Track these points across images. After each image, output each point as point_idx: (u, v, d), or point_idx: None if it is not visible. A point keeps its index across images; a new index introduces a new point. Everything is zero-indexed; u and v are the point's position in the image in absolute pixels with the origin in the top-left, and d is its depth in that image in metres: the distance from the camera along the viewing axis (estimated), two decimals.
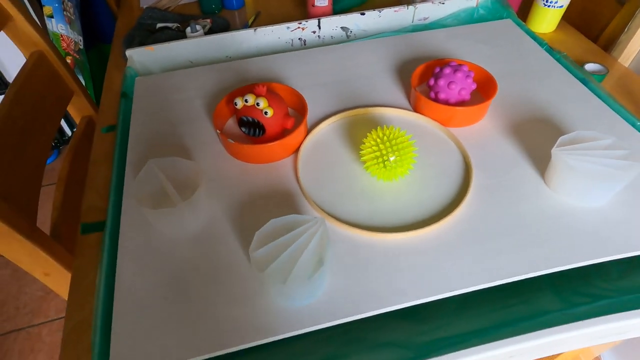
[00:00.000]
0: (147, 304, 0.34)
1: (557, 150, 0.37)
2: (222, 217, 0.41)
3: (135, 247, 0.38)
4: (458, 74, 0.46)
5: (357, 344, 0.34)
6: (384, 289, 0.35)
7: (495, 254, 0.36)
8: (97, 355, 0.32)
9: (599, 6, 0.69)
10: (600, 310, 0.34)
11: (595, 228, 0.37)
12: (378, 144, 0.40)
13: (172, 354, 0.32)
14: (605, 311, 0.34)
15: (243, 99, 0.43)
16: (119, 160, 0.47)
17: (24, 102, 0.56)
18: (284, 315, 0.34)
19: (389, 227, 0.39)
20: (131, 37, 0.71)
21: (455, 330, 0.34)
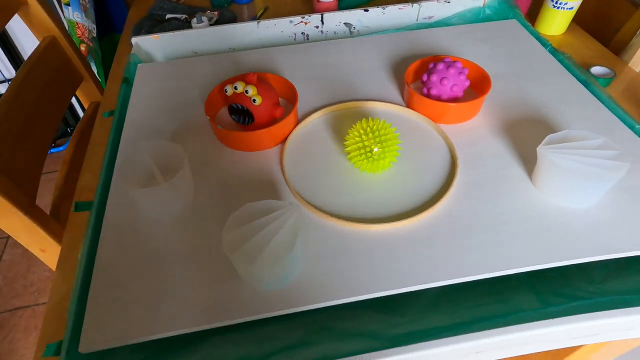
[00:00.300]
0: (124, 279, 0.35)
1: (542, 148, 0.36)
2: (205, 201, 0.41)
3: (118, 225, 0.39)
4: (451, 70, 0.46)
5: (327, 333, 0.34)
6: (358, 279, 0.35)
7: (473, 250, 0.36)
8: (72, 325, 0.33)
9: (613, 9, 0.67)
10: (575, 310, 0.33)
11: (579, 229, 0.36)
12: (361, 134, 0.40)
13: (143, 328, 0.32)
14: (580, 311, 0.33)
15: (233, 86, 0.44)
16: (112, 143, 0.48)
17: (33, 83, 0.59)
18: (254, 298, 0.34)
19: (368, 219, 0.39)
20: (140, 26, 0.73)
21: (430, 324, 0.34)
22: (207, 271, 0.36)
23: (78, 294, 0.35)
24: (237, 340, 0.34)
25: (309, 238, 0.38)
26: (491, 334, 0.32)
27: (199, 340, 0.34)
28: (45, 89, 0.62)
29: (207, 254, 0.37)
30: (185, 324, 0.33)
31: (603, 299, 0.34)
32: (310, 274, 0.35)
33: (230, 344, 0.33)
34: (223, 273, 0.35)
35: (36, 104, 0.59)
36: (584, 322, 0.32)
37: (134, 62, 0.61)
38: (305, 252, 0.37)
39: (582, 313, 0.32)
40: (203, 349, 0.33)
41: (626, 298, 0.34)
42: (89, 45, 0.88)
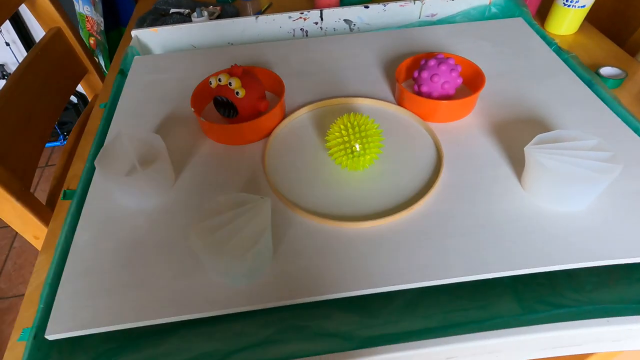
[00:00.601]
0: (96, 268, 0.35)
1: (530, 148, 0.34)
2: (184, 193, 0.41)
3: (96, 214, 0.40)
4: (442, 67, 0.44)
5: (299, 332, 0.33)
6: (332, 277, 0.33)
7: (453, 252, 0.34)
8: (41, 311, 0.34)
9: (630, 7, 0.64)
10: (556, 318, 0.31)
11: (567, 233, 0.34)
12: (341, 129, 0.39)
13: (112, 317, 0.32)
14: (561, 319, 0.31)
15: (217, 78, 0.44)
16: (101, 132, 0.49)
17: (35, 73, 0.60)
18: (224, 293, 0.33)
19: (345, 216, 0.38)
20: (143, 19, 0.74)
21: (404, 327, 0.33)
22: (179, 263, 0.35)
23: (50, 280, 0.35)
24: (206, 335, 0.33)
25: (283, 234, 0.37)
26: (461, 340, 0.30)
27: (169, 332, 0.33)
28: (48, 79, 0.63)
29: (181, 246, 0.36)
30: (154, 315, 0.32)
31: (589, 307, 0.32)
32: (282, 271, 0.34)
33: (198, 338, 0.33)
34: (195, 266, 0.35)
35: (38, 93, 0.60)
36: (561, 330, 0.30)
37: (132, 54, 0.61)
38: (277, 248, 0.36)
39: (562, 321, 0.30)
40: (171, 341, 0.33)
41: (614, 308, 0.31)
42: (97, 39, 0.90)
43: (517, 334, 0.30)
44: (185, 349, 0.32)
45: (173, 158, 0.44)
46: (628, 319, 0.30)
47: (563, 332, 0.30)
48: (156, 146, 0.40)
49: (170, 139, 0.47)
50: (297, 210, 0.38)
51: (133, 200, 0.40)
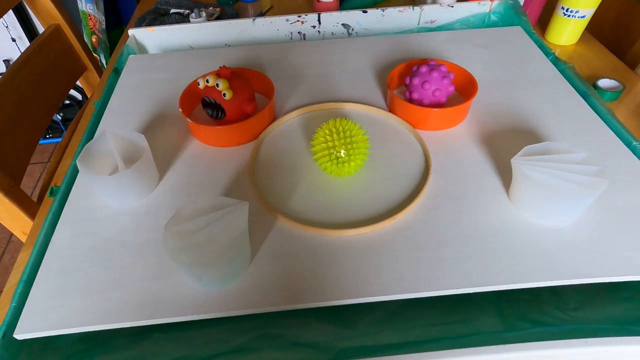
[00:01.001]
0: (73, 267, 0.35)
1: (517, 159, 0.33)
2: (168, 194, 0.41)
3: (78, 212, 0.39)
4: (434, 74, 0.43)
5: (273, 340, 0.32)
6: (309, 286, 0.33)
7: (434, 264, 0.33)
8: (13, 309, 0.33)
9: (632, 19, 0.62)
10: (536, 337, 0.30)
11: (552, 249, 0.33)
12: (326, 135, 0.38)
13: (84, 319, 0.32)
14: (541, 338, 0.30)
15: (205, 79, 0.43)
16: (90, 130, 0.49)
17: (32, 68, 0.60)
18: (199, 298, 0.33)
19: (327, 223, 0.37)
20: (142, 19, 0.74)
21: (381, 340, 0.32)
22: (156, 266, 0.35)
23: (26, 278, 0.34)
24: (179, 340, 0.32)
25: (263, 239, 0.36)
26: (432, 356, 0.29)
27: (142, 335, 0.33)
28: (45, 75, 0.63)
29: (160, 248, 0.36)
30: (127, 318, 0.32)
31: (571, 326, 0.30)
32: (260, 277, 0.34)
33: (171, 343, 0.32)
34: (171, 269, 0.34)
35: (33, 89, 0.61)
36: (537, 350, 0.29)
37: (128, 53, 0.62)
38: (256, 254, 0.35)
39: (541, 340, 0.29)
40: (144, 345, 0.32)
41: (597, 328, 0.30)
42: (99, 37, 0.91)
43: (491, 352, 0.29)
44: (158, 353, 0.31)
45: (159, 158, 0.44)
46: (606, 340, 0.29)
47: (539, 352, 0.29)
48: (140, 145, 0.40)
49: (157, 138, 0.47)
50: (279, 216, 0.37)
51: (115, 199, 0.39)
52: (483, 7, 0.64)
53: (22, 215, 0.54)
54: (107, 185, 0.37)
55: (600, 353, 0.29)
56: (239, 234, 0.31)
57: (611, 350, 0.29)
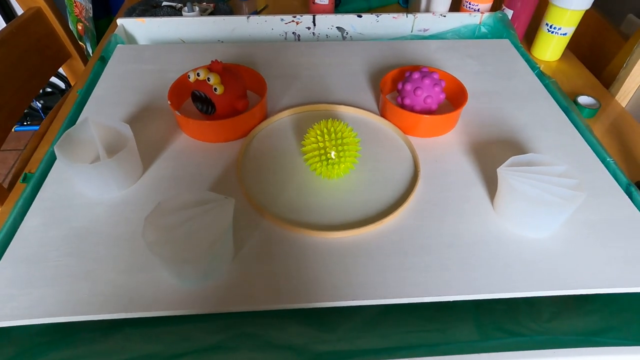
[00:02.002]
0: (40, 255, 0.33)
1: (502, 169, 0.34)
2: (151, 187, 0.39)
3: (51, 200, 0.38)
4: (426, 81, 0.44)
5: (250, 340, 0.31)
6: (290, 287, 0.32)
7: (416, 270, 0.33)
8: None
9: (607, 40, 0.65)
10: (509, 347, 0.30)
11: (530, 260, 0.34)
12: (317, 135, 0.38)
13: (46, 309, 0.30)
14: (513, 348, 0.30)
15: (195, 72, 0.42)
16: (71, 117, 0.47)
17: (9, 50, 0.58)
18: (174, 294, 0.32)
19: (312, 224, 0.36)
20: (133, 9, 0.73)
21: (359, 345, 0.31)
22: (131, 258, 0.33)
23: None
24: (151, 336, 0.31)
25: (247, 237, 0.35)
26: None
27: (112, 330, 0.31)
28: (23, 58, 0.61)
29: (137, 241, 0.35)
30: (96, 310, 0.30)
31: (542, 337, 0.31)
32: (241, 276, 0.33)
33: (143, 339, 0.31)
34: (147, 263, 0.33)
35: (9, 71, 0.58)
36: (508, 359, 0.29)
37: (115, 42, 0.60)
38: (239, 252, 0.34)
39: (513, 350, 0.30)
40: (113, 340, 0.31)
41: (565, 339, 0.31)
42: (85, 25, 0.88)
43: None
44: (128, 348, 0.30)
45: (143, 150, 0.42)
46: (572, 351, 0.30)
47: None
48: (124, 135, 0.39)
49: (143, 130, 0.45)
50: (265, 215, 0.37)
51: (93, 189, 0.38)
52: (474, 18, 0.65)
53: None
54: (86, 174, 0.36)
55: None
56: (223, 231, 0.30)
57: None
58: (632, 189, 0.39)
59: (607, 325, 0.32)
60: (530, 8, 0.64)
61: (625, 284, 0.32)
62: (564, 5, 0.57)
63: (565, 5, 0.57)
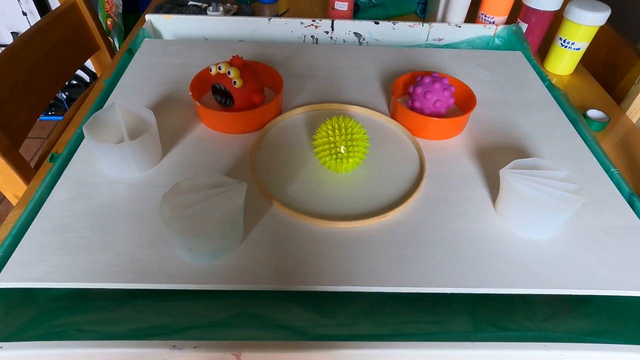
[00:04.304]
0: (64, 226, 0.36)
1: (505, 170, 0.35)
2: (169, 170, 0.42)
3: (76, 177, 0.40)
4: (436, 85, 0.45)
5: (253, 319, 0.33)
6: (295, 270, 0.34)
7: (415, 262, 0.34)
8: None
9: (620, 57, 0.66)
10: (502, 339, 0.31)
11: (527, 259, 0.35)
12: (328, 130, 0.40)
13: (67, 275, 0.32)
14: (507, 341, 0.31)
15: (217, 66, 0.45)
16: (98, 103, 0.50)
17: (44, 39, 0.62)
18: (185, 268, 0.33)
19: (321, 214, 0.38)
20: (160, 7, 0.76)
21: (357, 331, 0.33)
22: (147, 234, 0.36)
23: (15, 232, 0.35)
24: (161, 308, 0.33)
25: (256, 222, 0.37)
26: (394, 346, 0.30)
27: (126, 300, 0.33)
28: (56, 48, 0.64)
29: (153, 218, 0.37)
30: (111, 279, 0.32)
31: (535, 334, 0.32)
32: (249, 257, 0.35)
33: (153, 310, 0.33)
34: (162, 239, 0.35)
35: (43, 59, 0.62)
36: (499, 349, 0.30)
37: (143, 36, 0.63)
38: (248, 235, 0.36)
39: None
40: (125, 310, 0.33)
41: (558, 336, 0.32)
42: (114, 20, 0.92)
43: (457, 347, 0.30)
44: (138, 319, 0.32)
45: (164, 137, 0.45)
46: (564, 346, 0.30)
47: (501, 351, 0.30)
48: (147, 120, 0.41)
49: (164, 118, 0.48)
50: (274, 202, 0.38)
51: (116, 169, 0.40)
52: (488, 30, 0.67)
53: (17, 178, 0.55)
54: (110, 154, 0.38)
55: (556, 357, 0.30)
56: (234, 212, 0.32)
57: (566, 354, 0.30)
58: (634, 198, 0.39)
59: (602, 328, 0.33)
60: (545, 22, 0.65)
61: (621, 287, 0.33)
62: (578, 20, 0.58)
63: (579, 21, 0.58)
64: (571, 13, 0.59)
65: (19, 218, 0.36)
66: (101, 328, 0.31)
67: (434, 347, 0.31)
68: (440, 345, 0.31)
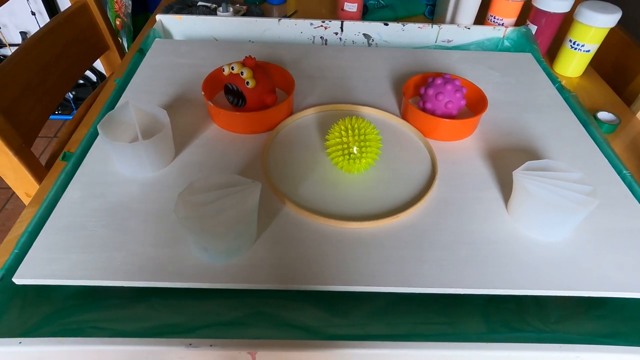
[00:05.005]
0: (78, 224, 0.36)
1: (518, 172, 0.35)
2: (181, 170, 0.42)
3: (90, 176, 0.40)
4: (448, 86, 0.45)
5: (266, 319, 0.33)
6: (307, 270, 0.34)
7: (428, 263, 0.35)
8: (14, 255, 0.34)
9: (630, 60, 0.66)
10: (516, 340, 0.31)
11: (540, 261, 0.35)
12: (341, 131, 0.40)
13: (82, 273, 0.33)
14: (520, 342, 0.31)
15: (230, 66, 0.45)
16: (110, 102, 0.50)
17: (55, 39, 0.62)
18: (199, 267, 0.34)
19: (333, 215, 0.38)
20: (170, 7, 0.77)
21: (370, 331, 0.33)
22: (161, 234, 0.36)
23: (31, 229, 0.35)
24: (175, 307, 0.33)
25: (269, 222, 0.37)
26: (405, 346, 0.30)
27: (139, 298, 0.34)
28: (67, 47, 0.65)
29: (167, 218, 0.37)
30: (126, 277, 0.33)
31: (548, 335, 0.32)
32: (262, 257, 0.35)
33: (167, 309, 0.33)
34: (176, 239, 0.35)
35: (54, 59, 0.62)
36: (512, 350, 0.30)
37: (154, 36, 0.63)
38: (261, 235, 0.36)
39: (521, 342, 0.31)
40: (139, 307, 0.33)
41: (570, 338, 0.32)
42: (123, 20, 0.93)
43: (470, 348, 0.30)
44: (152, 317, 0.32)
45: (177, 136, 0.45)
46: (578, 347, 0.30)
47: (516, 352, 0.30)
48: (161, 120, 0.41)
49: (176, 118, 0.48)
50: (286, 202, 0.39)
51: (129, 168, 0.40)
52: (498, 32, 0.67)
53: (29, 176, 0.55)
54: (124, 153, 0.38)
55: (571, 359, 0.30)
56: (248, 212, 0.33)
57: (582, 356, 0.30)
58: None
59: (615, 331, 0.33)
60: (555, 24, 0.65)
61: (634, 289, 0.33)
62: (588, 22, 0.58)
63: (589, 23, 0.58)
64: (581, 15, 0.59)
65: (34, 216, 0.37)
66: (116, 326, 0.32)
67: (446, 348, 0.31)
68: (453, 345, 0.31)
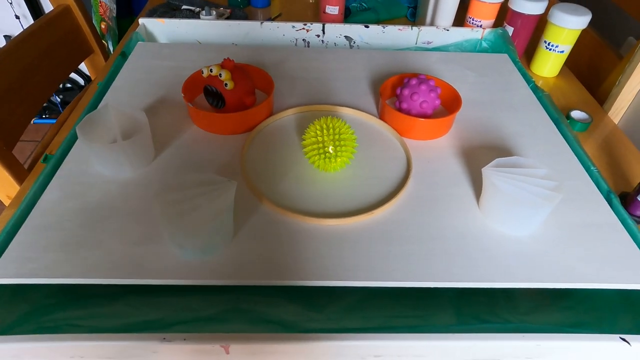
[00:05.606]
0: (56, 224, 0.36)
1: (487, 169, 0.36)
2: (161, 171, 0.42)
3: (70, 176, 0.41)
4: (422, 87, 0.47)
5: (242, 314, 0.34)
6: (284, 266, 0.35)
7: (400, 258, 0.36)
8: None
9: (603, 60, 0.68)
10: (484, 331, 0.32)
11: (509, 255, 0.36)
12: (317, 130, 0.41)
13: (59, 271, 0.33)
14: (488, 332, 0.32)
15: (209, 68, 0.46)
16: (91, 105, 0.50)
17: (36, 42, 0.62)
18: (175, 264, 0.34)
19: (309, 212, 0.39)
20: (154, 11, 0.77)
21: (346, 325, 0.34)
22: (139, 232, 0.36)
23: (9, 229, 0.36)
24: (152, 304, 0.34)
25: (247, 220, 0.38)
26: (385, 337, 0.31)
27: (116, 296, 0.34)
28: (49, 50, 0.65)
29: (146, 217, 0.37)
30: (103, 275, 0.33)
31: (516, 325, 0.33)
32: (239, 253, 0.35)
33: (144, 306, 0.34)
34: (154, 237, 0.36)
35: (36, 62, 0.62)
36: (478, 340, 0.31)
37: (136, 39, 0.64)
38: (238, 232, 0.37)
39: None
40: (116, 305, 0.33)
41: (537, 328, 0.33)
42: (108, 24, 0.93)
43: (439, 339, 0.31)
44: (129, 314, 0.33)
45: (156, 137, 0.46)
46: (539, 336, 0.31)
47: (481, 342, 0.31)
48: (139, 121, 0.42)
49: (157, 119, 0.49)
50: (264, 200, 0.39)
51: (109, 168, 0.41)
52: (476, 33, 0.68)
53: (10, 179, 0.55)
54: (103, 154, 0.39)
55: (532, 347, 0.32)
56: (224, 209, 0.33)
57: (542, 344, 0.31)
58: (612, 196, 0.41)
59: (580, 321, 0.34)
60: (530, 26, 0.67)
61: (598, 280, 0.34)
62: (561, 24, 0.60)
63: (562, 24, 0.60)
64: (554, 17, 0.61)
65: (11, 217, 0.37)
66: (93, 323, 0.32)
67: (417, 339, 0.31)
68: (424, 336, 0.31)
